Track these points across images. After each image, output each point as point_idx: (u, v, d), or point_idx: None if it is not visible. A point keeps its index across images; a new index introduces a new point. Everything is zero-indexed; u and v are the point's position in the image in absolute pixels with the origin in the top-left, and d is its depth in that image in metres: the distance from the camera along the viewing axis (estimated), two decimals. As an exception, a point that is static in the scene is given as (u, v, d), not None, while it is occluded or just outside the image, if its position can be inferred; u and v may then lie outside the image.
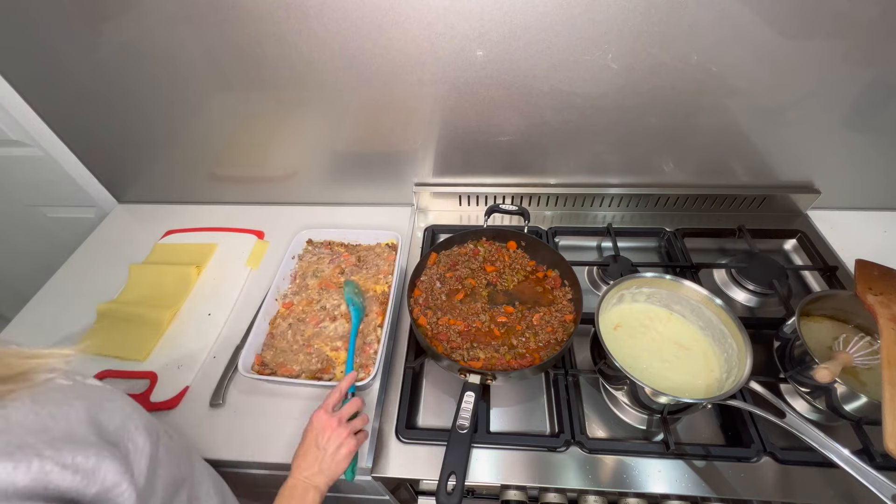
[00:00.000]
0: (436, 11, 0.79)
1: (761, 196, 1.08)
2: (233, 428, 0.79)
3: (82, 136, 1.10)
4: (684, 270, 0.99)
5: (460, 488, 0.62)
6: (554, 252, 0.91)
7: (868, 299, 0.75)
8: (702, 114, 0.93)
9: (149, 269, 1.06)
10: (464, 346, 0.80)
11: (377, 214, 1.18)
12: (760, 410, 0.64)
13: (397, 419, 0.78)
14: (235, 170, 1.16)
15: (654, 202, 1.12)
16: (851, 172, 1.04)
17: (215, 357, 0.90)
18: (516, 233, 0.96)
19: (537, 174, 1.10)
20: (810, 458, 0.70)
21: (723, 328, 0.75)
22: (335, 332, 0.89)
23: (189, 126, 1.05)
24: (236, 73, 0.92)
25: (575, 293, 0.86)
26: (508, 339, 0.81)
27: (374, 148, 1.07)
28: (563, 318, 0.83)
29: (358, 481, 0.79)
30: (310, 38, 0.84)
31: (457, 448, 0.66)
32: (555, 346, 0.79)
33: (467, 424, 0.68)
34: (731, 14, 0.76)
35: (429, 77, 0.89)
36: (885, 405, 0.62)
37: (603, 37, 0.80)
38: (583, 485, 0.70)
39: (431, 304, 0.86)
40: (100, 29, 0.86)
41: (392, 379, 0.85)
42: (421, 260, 0.92)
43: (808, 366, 0.71)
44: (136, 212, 1.26)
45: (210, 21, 0.83)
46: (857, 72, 0.84)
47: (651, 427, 0.77)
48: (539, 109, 0.94)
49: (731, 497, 0.68)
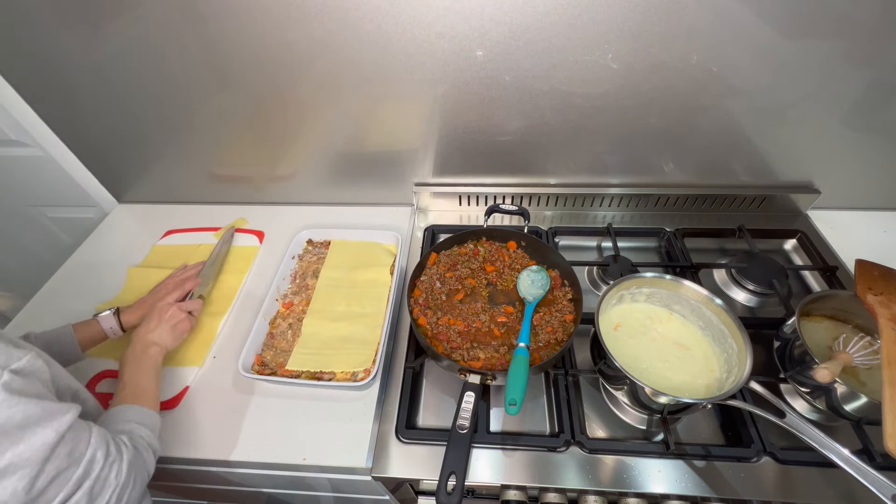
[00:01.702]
0: (436, 11, 0.79)
1: (761, 196, 1.08)
2: (232, 428, 0.79)
3: (82, 136, 1.10)
4: (684, 270, 0.99)
5: (460, 488, 0.62)
6: (554, 252, 0.91)
7: (868, 299, 0.75)
8: (702, 114, 0.93)
9: (147, 273, 1.05)
10: (464, 346, 0.79)
11: (377, 214, 1.18)
12: (760, 410, 0.64)
13: (397, 419, 0.78)
14: (235, 170, 1.16)
15: (654, 202, 1.12)
16: (851, 172, 1.05)
17: (215, 357, 0.90)
18: (516, 233, 0.96)
19: (537, 174, 1.10)
20: (810, 458, 0.70)
21: (723, 328, 0.75)
22: (335, 332, 0.89)
23: (189, 126, 1.05)
24: (236, 73, 0.92)
25: (575, 293, 0.86)
26: (508, 339, 0.81)
27: (374, 148, 1.07)
28: (563, 318, 0.83)
29: (358, 481, 0.79)
30: (310, 38, 0.84)
31: (457, 448, 0.66)
32: (555, 346, 0.78)
33: (467, 424, 0.68)
34: (732, 14, 0.76)
35: (429, 77, 0.89)
36: (885, 405, 0.61)
37: (603, 37, 0.80)
38: (583, 485, 0.70)
39: (431, 304, 0.86)
40: (100, 29, 0.86)
41: (392, 379, 0.85)
42: (421, 260, 0.92)
43: (808, 366, 0.71)
44: (136, 212, 1.26)
45: (210, 21, 0.83)
46: (857, 72, 0.84)
47: (651, 427, 0.77)
48: (539, 109, 0.94)
49: (731, 497, 0.68)
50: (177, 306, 0.84)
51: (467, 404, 0.70)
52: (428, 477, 0.72)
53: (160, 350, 0.77)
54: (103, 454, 0.53)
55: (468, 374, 0.73)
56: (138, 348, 0.75)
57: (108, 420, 0.63)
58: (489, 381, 0.73)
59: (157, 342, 0.77)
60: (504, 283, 0.91)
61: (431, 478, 0.71)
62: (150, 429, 0.65)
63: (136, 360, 0.74)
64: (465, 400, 0.70)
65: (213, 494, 0.93)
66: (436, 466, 0.69)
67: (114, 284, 1.03)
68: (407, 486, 0.82)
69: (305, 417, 0.80)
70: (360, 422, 0.79)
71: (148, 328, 0.78)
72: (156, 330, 0.78)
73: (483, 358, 0.78)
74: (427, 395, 0.84)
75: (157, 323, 0.79)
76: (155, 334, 0.78)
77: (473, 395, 0.70)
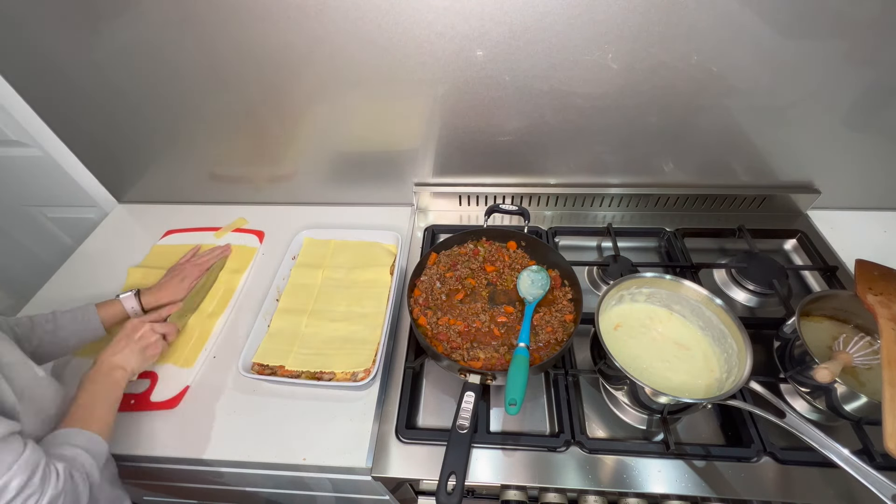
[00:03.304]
0: (436, 11, 0.79)
1: (761, 196, 1.08)
2: (232, 428, 0.79)
3: (82, 136, 1.10)
4: (684, 270, 0.99)
5: (460, 488, 0.62)
6: (554, 252, 0.91)
7: (868, 299, 0.75)
8: (702, 114, 0.93)
9: (147, 273, 1.05)
10: (464, 346, 0.79)
11: (377, 214, 1.18)
12: (760, 410, 0.64)
13: (397, 419, 0.78)
14: (235, 170, 1.16)
15: (654, 202, 1.12)
16: (851, 172, 1.04)
17: (215, 357, 0.90)
18: (516, 233, 0.96)
19: (537, 174, 1.10)
20: (810, 458, 0.70)
21: (723, 328, 0.75)
22: (335, 332, 0.89)
23: (189, 126, 1.05)
24: (236, 73, 0.92)
25: (575, 293, 0.86)
26: (508, 339, 0.81)
27: (374, 148, 1.07)
28: (562, 319, 0.83)
29: (358, 481, 0.79)
30: (310, 37, 0.84)
31: (457, 448, 0.66)
32: (555, 346, 0.78)
33: (467, 424, 0.68)
34: (732, 14, 0.76)
35: (429, 77, 0.89)
36: (885, 405, 0.61)
37: (603, 37, 0.80)
38: (583, 485, 0.70)
39: (431, 304, 0.86)
40: (100, 29, 0.86)
41: (392, 379, 0.85)
42: (421, 260, 0.92)
43: (808, 366, 0.71)
44: (136, 212, 1.26)
45: (210, 21, 0.83)
46: (857, 72, 0.84)
47: (651, 427, 0.77)
48: (539, 109, 0.94)
49: (731, 497, 0.68)
50: (150, 327, 0.78)
51: (467, 404, 0.70)
52: (428, 477, 0.72)
53: (125, 374, 0.72)
54: (19, 484, 0.49)
55: (468, 374, 0.73)
56: (103, 369, 0.71)
57: (52, 441, 0.59)
58: (489, 381, 0.73)
59: (122, 365, 0.72)
60: (504, 283, 0.91)
61: (431, 478, 0.71)
62: (95, 457, 0.61)
63: (97, 381, 0.69)
64: (465, 400, 0.70)
65: (213, 495, 0.93)
66: (436, 466, 0.69)
67: (114, 284, 1.03)
68: (407, 486, 0.82)
69: (305, 417, 0.80)
70: (360, 422, 0.79)
71: (115, 349, 0.73)
72: (123, 351, 0.73)
73: (483, 358, 0.78)
74: (427, 395, 0.84)
75: (124, 344, 0.74)
76: (121, 356, 0.73)
77: (473, 395, 0.70)
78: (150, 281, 1.00)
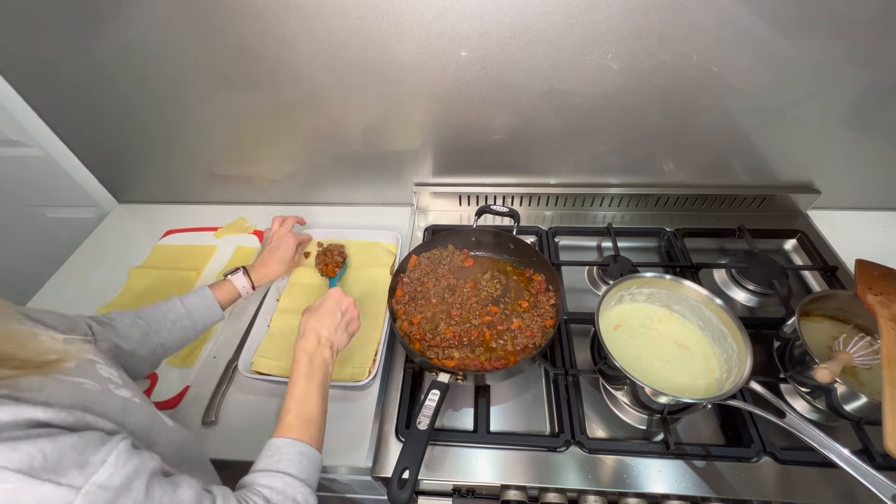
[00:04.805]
0: (436, 11, 0.79)
1: (761, 196, 1.08)
2: (233, 428, 0.79)
3: (82, 136, 1.10)
4: (684, 270, 0.99)
5: (412, 483, 0.61)
6: (540, 256, 0.92)
7: (868, 299, 0.75)
8: (702, 114, 0.93)
9: (147, 273, 1.05)
10: (441, 346, 0.81)
11: (377, 214, 1.18)
12: (760, 410, 0.64)
13: (397, 419, 0.78)
14: (235, 170, 1.16)
15: (654, 202, 1.12)
16: (851, 172, 1.05)
17: (215, 357, 0.89)
18: (505, 235, 0.96)
19: (537, 174, 1.10)
20: (810, 458, 0.70)
21: (723, 328, 0.75)
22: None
23: (189, 126, 1.05)
24: (236, 73, 0.92)
25: (557, 300, 0.86)
26: (487, 342, 0.82)
27: (374, 148, 1.07)
28: (543, 324, 0.83)
29: (358, 481, 0.79)
30: (310, 38, 0.84)
31: (414, 444, 0.64)
32: (531, 351, 0.79)
33: (428, 422, 0.66)
34: (731, 14, 0.76)
35: (429, 77, 0.89)
36: (885, 405, 0.62)
37: (603, 37, 0.80)
38: (583, 485, 0.70)
39: (412, 305, 0.87)
40: (99, 29, 0.86)
41: (392, 379, 0.85)
42: (402, 262, 0.93)
43: (808, 366, 0.71)
44: (136, 212, 1.26)
45: (210, 21, 0.83)
46: (857, 72, 0.84)
47: (651, 427, 0.77)
48: (539, 109, 0.94)
49: (731, 497, 0.68)
50: (352, 300, 0.70)
51: (430, 402, 0.69)
52: (428, 477, 0.72)
53: (332, 354, 0.61)
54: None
55: (439, 372, 0.73)
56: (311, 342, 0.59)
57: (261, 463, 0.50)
58: (459, 380, 0.73)
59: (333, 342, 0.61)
60: (488, 286, 0.91)
61: (431, 478, 0.71)
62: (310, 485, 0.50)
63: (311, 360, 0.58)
64: (429, 398, 0.69)
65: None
66: (436, 466, 0.69)
67: (114, 284, 1.03)
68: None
69: (305, 417, 0.80)
70: (360, 422, 0.79)
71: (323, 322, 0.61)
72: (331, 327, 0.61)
73: (457, 357, 0.79)
74: (427, 395, 0.84)
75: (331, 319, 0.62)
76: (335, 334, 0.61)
77: (438, 394, 0.70)
78: (151, 281, 1.01)
